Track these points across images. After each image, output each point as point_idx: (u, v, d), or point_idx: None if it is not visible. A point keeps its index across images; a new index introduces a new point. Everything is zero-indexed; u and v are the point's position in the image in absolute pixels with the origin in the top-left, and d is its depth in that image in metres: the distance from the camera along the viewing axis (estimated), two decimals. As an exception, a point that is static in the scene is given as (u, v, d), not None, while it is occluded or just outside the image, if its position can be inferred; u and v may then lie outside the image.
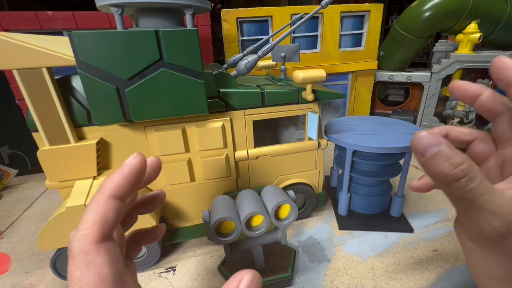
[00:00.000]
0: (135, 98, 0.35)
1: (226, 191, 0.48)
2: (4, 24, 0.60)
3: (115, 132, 0.40)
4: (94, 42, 0.32)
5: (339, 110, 0.96)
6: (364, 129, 0.53)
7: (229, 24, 0.74)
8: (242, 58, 0.48)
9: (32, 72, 0.33)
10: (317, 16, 0.79)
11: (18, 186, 0.74)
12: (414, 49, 0.88)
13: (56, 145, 0.37)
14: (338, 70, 0.85)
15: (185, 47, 0.34)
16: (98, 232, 0.15)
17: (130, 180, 0.17)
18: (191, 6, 0.41)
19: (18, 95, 0.66)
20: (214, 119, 0.42)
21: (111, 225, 0.16)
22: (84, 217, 0.15)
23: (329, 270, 0.43)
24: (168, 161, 0.43)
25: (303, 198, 0.54)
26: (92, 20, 0.65)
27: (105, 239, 0.15)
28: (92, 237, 0.14)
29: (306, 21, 0.46)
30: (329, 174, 0.67)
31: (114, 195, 0.16)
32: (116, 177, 0.17)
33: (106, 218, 0.15)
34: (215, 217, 0.35)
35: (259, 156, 0.47)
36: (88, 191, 0.38)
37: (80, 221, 0.15)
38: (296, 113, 0.47)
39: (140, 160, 0.17)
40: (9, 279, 0.44)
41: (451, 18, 0.79)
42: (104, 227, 0.15)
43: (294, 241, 0.49)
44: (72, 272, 0.14)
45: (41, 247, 0.37)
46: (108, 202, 0.16)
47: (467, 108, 0.69)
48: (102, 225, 0.15)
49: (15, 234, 0.56)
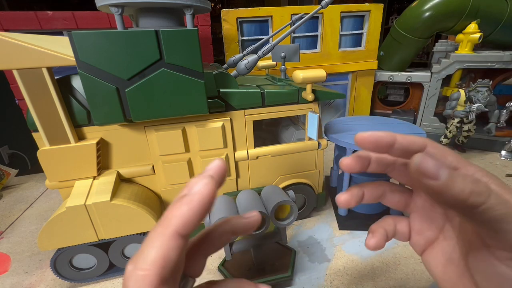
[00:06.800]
0: (135, 98, 0.35)
1: (226, 191, 0.48)
2: (4, 24, 0.60)
3: (115, 132, 0.40)
4: (94, 42, 0.32)
5: (339, 110, 0.96)
6: (364, 129, 0.53)
7: (229, 24, 0.74)
8: (242, 58, 0.48)
9: (32, 72, 0.33)
10: (317, 16, 0.79)
11: (18, 186, 0.74)
12: (414, 49, 0.88)
13: (56, 145, 0.37)
14: (338, 70, 0.85)
15: (185, 47, 0.34)
16: (157, 275, 0.13)
17: (199, 214, 0.14)
18: (191, 6, 0.41)
19: (18, 95, 0.66)
20: (214, 119, 0.42)
21: (172, 267, 0.14)
22: (144, 252, 0.14)
23: (329, 270, 0.43)
24: (168, 161, 0.43)
25: (303, 198, 0.54)
26: (92, 20, 0.65)
27: (164, 283, 0.13)
28: (150, 281, 0.13)
29: (306, 21, 0.46)
30: (329, 174, 0.67)
31: (179, 232, 0.14)
32: (184, 210, 0.14)
33: (167, 259, 0.14)
34: (215, 217, 0.35)
35: (259, 156, 0.47)
36: (88, 191, 0.38)
37: (139, 254, 0.14)
38: (296, 113, 0.47)
39: (212, 189, 0.15)
40: (9, 279, 0.44)
41: (451, 18, 0.79)
42: (164, 270, 0.13)
43: (294, 241, 0.49)
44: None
45: (41, 247, 0.37)
46: (172, 240, 0.14)
47: (467, 108, 0.69)
48: (162, 267, 0.13)
49: (15, 234, 0.56)
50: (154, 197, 0.44)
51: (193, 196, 0.14)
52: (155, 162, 0.43)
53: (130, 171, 0.42)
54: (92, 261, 0.42)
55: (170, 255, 0.14)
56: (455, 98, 0.74)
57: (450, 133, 0.77)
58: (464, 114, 0.70)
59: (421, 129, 0.50)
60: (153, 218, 0.40)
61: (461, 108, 0.73)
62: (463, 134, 0.77)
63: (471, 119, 0.70)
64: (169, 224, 0.14)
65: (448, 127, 0.77)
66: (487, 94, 0.67)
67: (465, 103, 0.72)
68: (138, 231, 0.40)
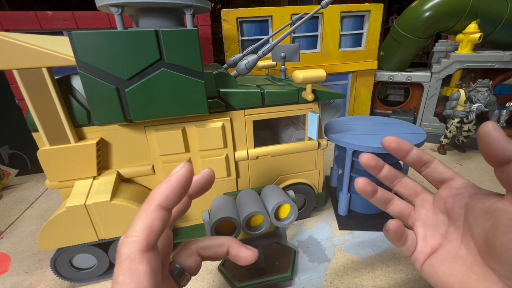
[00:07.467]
0: (135, 98, 0.35)
1: (226, 191, 0.47)
2: (4, 24, 0.60)
3: (115, 132, 0.40)
4: (94, 42, 0.32)
5: (339, 110, 0.96)
6: (364, 129, 0.53)
7: (229, 24, 0.74)
8: (242, 58, 0.48)
9: (32, 72, 0.33)
10: (317, 16, 0.79)
11: (18, 186, 0.74)
12: (414, 49, 0.88)
13: (56, 145, 0.37)
14: (338, 70, 0.85)
15: (185, 47, 0.34)
16: (144, 241, 0.16)
17: (177, 191, 0.17)
18: (191, 6, 0.41)
19: (18, 95, 0.66)
20: (214, 119, 0.42)
21: (157, 234, 0.16)
22: (133, 224, 0.16)
23: (329, 270, 0.43)
24: (168, 161, 0.42)
25: (303, 198, 0.54)
26: (92, 20, 0.65)
27: (150, 248, 0.16)
28: (138, 245, 0.16)
29: (306, 21, 0.46)
30: (329, 174, 0.67)
31: (161, 205, 0.17)
32: (164, 187, 0.17)
33: (152, 227, 0.16)
34: (215, 217, 0.35)
35: (259, 156, 0.47)
36: (88, 191, 0.38)
37: (130, 226, 0.16)
38: (296, 113, 0.47)
39: (187, 171, 0.18)
40: (9, 279, 0.44)
41: (451, 18, 0.79)
42: (150, 236, 0.16)
43: (294, 241, 0.49)
44: (116, 276, 0.15)
45: (41, 247, 0.37)
46: (156, 212, 0.17)
47: (467, 108, 0.69)
48: (148, 234, 0.16)
49: (15, 234, 0.56)
50: (154, 197, 0.44)
51: (171, 177, 0.18)
52: (155, 162, 0.43)
53: (130, 171, 0.42)
54: (92, 261, 0.42)
55: (154, 224, 0.16)
56: (455, 98, 0.74)
57: (450, 133, 0.77)
58: (464, 114, 0.70)
59: (421, 129, 0.50)
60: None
61: (461, 108, 0.73)
62: (463, 134, 0.77)
63: (471, 119, 0.70)
64: (152, 199, 0.17)
65: (448, 127, 0.77)
66: (487, 94, 0.67)
67: (465, 103, 0.72)
68: (138, 231, 0.40)
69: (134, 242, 0.16)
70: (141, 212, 0.17)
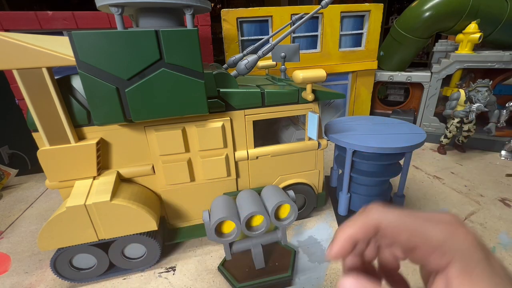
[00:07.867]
0: (135, 98, 0.35)
1: (226, 191, 0.48)
2: (4, 24, 0.60)
3: (115, 132, 0.40)
4: (94, 42, 0.32)
5: (339, 110, 0.96)
6: (364, 129, 0.53)
7: (229, 24, 0.74)
8: (242, 58, 0.48)
9: (32, 72, 0.33)
10: (317, 16, 0.79)
11: (18, 186, 0.74)
12: (414, 49, 0.88)
13: (56, 145, 0.37)
14: (338, 70, 0.85)
15: (185, 47, 0.34)
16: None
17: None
18: (191, 6, 0.41)
19: (18, 95, 0.66)
20: (214, 119, 0.42)
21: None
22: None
23: (329, 270, 0.43)
24: (168, 161, 0.43)
25: (303, 198, 0.54)
26: (92, 20, 0.65)
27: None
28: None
29: (306, 21, 0.46)
30: (329, 174, 0.67)
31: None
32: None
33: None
34: (215, 217, 0.35)
35: (259, 156, 0.47)
36: (88, 191, 0.38)
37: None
38: (296, 113, 0.47)
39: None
40: (9, 279, 0.44)
41: (451, 18, 0.79)
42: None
43: (294, 241, 0.49)
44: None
45: (41, 247, 0.37)
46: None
47: (467, 108, 0.69)
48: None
49: (15, 234, 0.56)
50: (154, 197, 0.44)
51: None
52: (155, 162, 0.43)
53: (130, 171, 0.42)
54: (92, 261, 0.42)
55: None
56: (455, 98, 0.74)
57: (450, 133, 0.77)
58: (464, 114, 0.70)
59: (421, 129, 0.50)
60: (153, 218, 0.40)
61: (461, 108, 0.73)
62: (463, 134, 0.77)
63: (471, 119, 0.70)
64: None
65: (448, 127, 0.77)
66: (487, 94, 0.67)
67: (465, 103, 0.72)
68: (138, 231, 0.40)
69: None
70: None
